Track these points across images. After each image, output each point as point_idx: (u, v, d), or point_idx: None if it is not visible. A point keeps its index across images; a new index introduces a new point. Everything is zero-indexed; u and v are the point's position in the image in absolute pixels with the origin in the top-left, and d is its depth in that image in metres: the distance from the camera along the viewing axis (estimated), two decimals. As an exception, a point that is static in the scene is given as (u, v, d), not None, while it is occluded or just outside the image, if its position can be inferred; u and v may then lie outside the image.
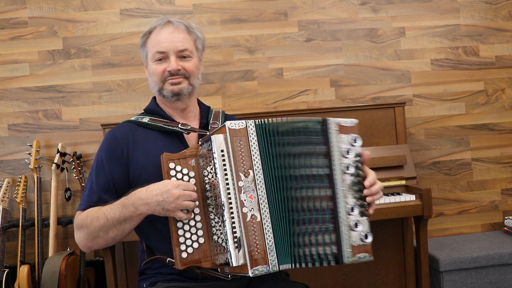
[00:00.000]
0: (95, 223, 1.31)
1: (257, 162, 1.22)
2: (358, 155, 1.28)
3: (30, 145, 2.57)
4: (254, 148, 1.23)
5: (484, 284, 2.42)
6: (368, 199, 1.29)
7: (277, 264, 1.19)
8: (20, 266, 2.33)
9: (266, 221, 1.20)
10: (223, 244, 1.21)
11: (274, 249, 1.20)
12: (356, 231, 1.24)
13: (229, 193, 1.19)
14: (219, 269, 1.27)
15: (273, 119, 1.28)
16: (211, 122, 1.52)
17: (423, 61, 2.90)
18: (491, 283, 2.42)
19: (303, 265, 1.23)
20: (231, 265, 1.19)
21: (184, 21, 1.48)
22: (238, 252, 1.18)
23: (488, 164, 2.93)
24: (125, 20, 2.75)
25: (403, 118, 2.54)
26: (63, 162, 2.59)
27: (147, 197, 1.24)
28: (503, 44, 2.94)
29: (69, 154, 2.62)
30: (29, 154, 2.54)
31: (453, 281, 2.41)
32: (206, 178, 1.25)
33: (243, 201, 1.19)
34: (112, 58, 2.74)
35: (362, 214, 1.25)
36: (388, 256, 2.52)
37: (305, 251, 1.23)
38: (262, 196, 1.21)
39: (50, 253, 2.46)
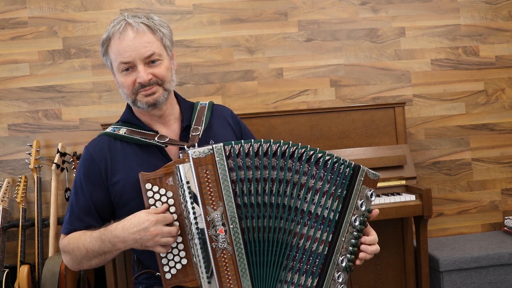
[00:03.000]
0: (77, 252, 1.28)
1: (227, 192, 1.16)
2: (368, 210, 1.23)
3: (30, 145, 2.57)
4: (223, 176, 1.16)
5: (484, 284, 2.42)
6: (361, 255, 1.24)
7: None
8: (20, 266, 2.33)
9: (240, 253, 1.15)
10: (200, 280, 1.18)
11: (249, 282, 1.16)
12: (336, 282, 1.20)
13: (197, 228, 1.15)
14: None
15: (286, 143, 1.19)
16: (192, 127, 1.40)
17: (423, 61, 2.90)
18: (491, 283, 2.42)
19: None
20: None
21: (144, 20, 1.32)
22: (210, 287, 1.15)
23: (488, 164, 2.93)
24: (125, 20, 2.75)
25: (403, 118, 2.54)
26: (63, 162, 2.59)
27: (124, 235, 1.18)
28: (503, 44, 2.94)
29: (69, 154, 2.62)
30: (29, 154, 2.54)
31: (453, 281, 2.41)
32: (182, 196, 1.20)
33: (212, 236, 1.14)
34: (112, 58, 2.74)
35: (346, 268, 1.21)
36: (388, 256, 2.52)
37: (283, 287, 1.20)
38: (234, 228, 1.15)
39: (50, 253, 2.46)
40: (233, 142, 1.19)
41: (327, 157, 1.20)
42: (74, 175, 2.52)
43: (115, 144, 1.35)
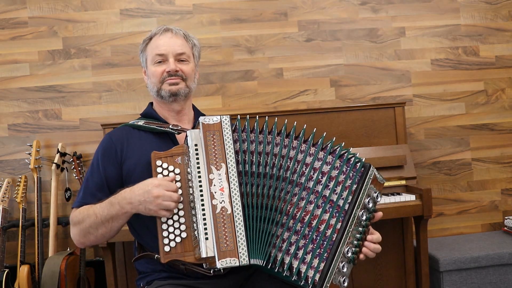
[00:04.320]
0: (87, 220, 1.36)
1: (230, 157, 1.26)
2: (373, 210, 1.28)
3: (30, 145, 2.57)
4: (228, 143, 1.27)
5: (484, 284, 2.42)
6: (364, 250, 1.28)
7: (247, 258, 1.20)
8: (20, 266, 2.33)
9: (238, 213, 1.22)
10: (199, 237, 1.23)
11: (245, 243, 1.21)
12: (341, 272, 1.22)
13: (200, 185, 1.23)
14: (204, 265, 1.29)
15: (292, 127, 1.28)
16: None
17: (423, 61, 2.90)
18: (491, 283, 2.42)
19: (278, 269, 1.22)
20: (201, 256, 1.21)
21: (182, 30, 1.57)
22: (206, 243, 1.20)
23: (488, 164, 2.92)
24: (125, 20, 2.75)
25: (403, 118, 2.54)
26: (63, 162, 2.59)
27: (131, 196, 1.28)
28: (503, 44, 2.94)
29: (69, 154, 2.62)
30: (29, 154, 2.54)
31: (453, 281, 2.41)
32: (189, 175, 1.29)
33: (213, 193, 1.23)
34: (112, 58, 2.74)
35: (351, 260, 1.23)
36: (388, 256, 2.52)
37: (284, 259, 1.23)
38: (235, 189, 1.24)
39: (50, 253, 2.46)
40: (239, 115, 1.35)
41: (336, 146, 1.29)
42: (74, 175, 2.53)
43: (133, 132, 1.52)
